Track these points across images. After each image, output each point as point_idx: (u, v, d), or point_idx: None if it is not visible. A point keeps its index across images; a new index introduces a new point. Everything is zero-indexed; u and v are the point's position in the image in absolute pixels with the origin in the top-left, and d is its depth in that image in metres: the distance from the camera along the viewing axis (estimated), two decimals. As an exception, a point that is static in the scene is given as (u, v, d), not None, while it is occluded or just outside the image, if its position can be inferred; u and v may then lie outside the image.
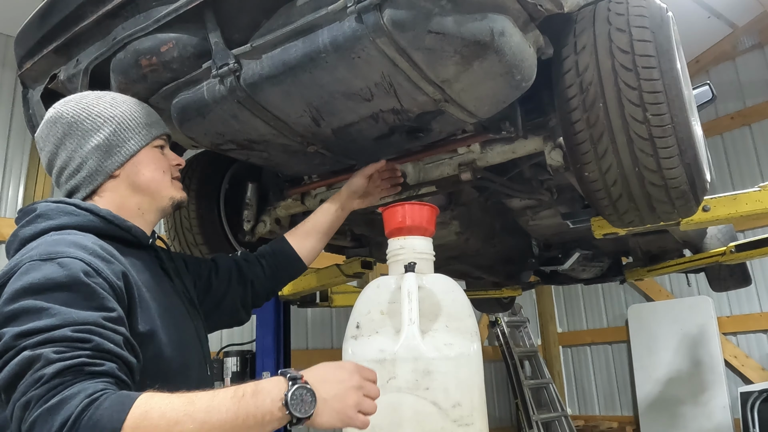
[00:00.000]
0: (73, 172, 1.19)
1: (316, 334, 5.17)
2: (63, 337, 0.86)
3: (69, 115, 1.20)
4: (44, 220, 1.08)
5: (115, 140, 1.19)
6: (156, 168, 1.24)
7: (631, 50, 1.41)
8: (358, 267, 2.89)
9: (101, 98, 1.24)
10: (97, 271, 0.97)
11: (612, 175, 1.50)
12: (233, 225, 2.32)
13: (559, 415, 6.11)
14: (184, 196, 1.30)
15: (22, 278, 0.93)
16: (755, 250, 2.77)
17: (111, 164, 1.19)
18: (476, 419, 1.29)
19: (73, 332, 0.87)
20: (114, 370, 0.88)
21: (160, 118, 1.32)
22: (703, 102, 2.98)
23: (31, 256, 0.97)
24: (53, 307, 0.89)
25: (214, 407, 0.86)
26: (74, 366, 0.84)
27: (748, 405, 4.71)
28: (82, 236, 1.05)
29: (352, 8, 1.18)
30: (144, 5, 1.41)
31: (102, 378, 0.86)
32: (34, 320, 0.88)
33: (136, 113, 1.25)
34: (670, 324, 5.88)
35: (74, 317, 0.89)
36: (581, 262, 3.07)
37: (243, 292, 1.49)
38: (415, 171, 1.96)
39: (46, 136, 1.21)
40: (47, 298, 0.90)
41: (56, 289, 0.92)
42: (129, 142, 1.21)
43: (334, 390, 0.96)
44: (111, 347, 0.90)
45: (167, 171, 1.26)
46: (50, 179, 4.32)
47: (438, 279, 1.44)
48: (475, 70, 1.29)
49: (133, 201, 1.21)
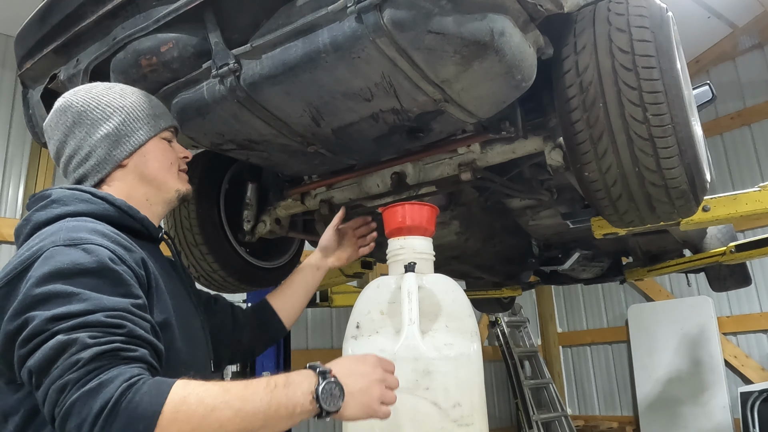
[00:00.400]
0: (82, 160, 1.19)
1: (316, 334, 5.17)
2: (97, 322, 0.87)
3: (78, 105, 1.20)
4: (59, 206, 1.08)
5: (124, 130, 1.20)
6: (163, 159, 1.24)
7: (631, 50, 1.41)
8: (358, 267, 2.89)
9: (110, 89, 1.25)
10: (121, 258, 0.99)
11: (612, 175, 1.50)
12: (233, 225, 2.32)
13: (559, 415, 6.11)
14: (189, 189, 1.30)
15: (48, 262, 0.93)
16: (755, 250, 2.77)
17: (119, 153, 1.19)
18: (476, 419, 1.29)
19: (107, 317, 0.88)
20: (146, 356, 0.90)
21: (168, 110, 1.33)
22: (703, 102, 2.98)
23: (53, 241, 0.97)
24: (84, 292, 0.90)
25: (248, 396, 0.88)
26: (110, 351, 0.85)
27: (748, 405, 4.71)
28: (99, 224, 1.06)
29: (352, 8, 1.18)
30: (144, 5, 1.41)
31: (137, 363, 0.87)
32: (65, 304, 0.88)
33: (145, 104, 1.26)
34: (670, 324, 5.88)
35: (105, 303, 0.90)
36: (581, 262, 3.07)
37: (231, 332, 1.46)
38: (415, 171, 1.96)
39: (55, 124, 1.21)
40: (76, 283, 0.91)
41: (85, 274, 0.92)
42: (138, 132, 1.21)
43: (360, 384, 0.99)
44: (142, 333, 0.91)
45: (174, 163, 1.27)
46: (50, 179, 4.34)
47: (438, 279, 1.44)
48: (475, 70, 1.29)
49: (140, 191, 1.21)
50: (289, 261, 2.62)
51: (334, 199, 2.14)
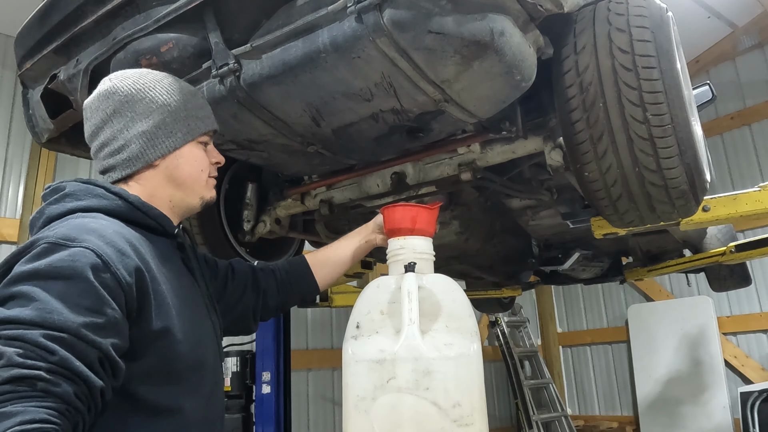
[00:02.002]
0: (114, 151, 1.16)
1: (316, 334, 5.18)
2: (32, 340, 0.83)
3: (124, 93, 1.16)
4: (72, 200, 1.07)
5: (163, 130, 1.16)
6: (196, 165, 1.20)
7: (631, 50, 1.41)
8: (358, 267, 2.90)
9: (159, 82, 1.20)
10: (107, 264, 0.94)
11: (612, 175, 1.50)
12: (233, 225, 2.32)
13: (559, 415, 6.12)
14: (213, 196, 1.26)
15: (32, 260, 0.91)
16: (755, 250, 2.77)
17: (153, 154, 1.16)
18: (476, 419, 1.29)
19: (44, 337, 0.83)
20: (68, 395, 0.83)
21: (212, 111, 1.26)
22: (703, 102, 2.98)
23: (47, 237, 0.95)
24: (43, 299, 0.87)
25: None
26: (30, 378, 0.80)
27: (748, 405, 4.71)
28: (106, 222, 1.03)
29: (352, 8, 1.18)
30: (144, 5, 1.41)
31: (53, 401, 0.81)
32: (21, 307, 0.86)
33: (189, 104, 1.20)
34: (670, 324, 5.88)
35: (55, 319, 0.85)
36: (581, 262, 3.07)
37: (255, 300, 1.45)
38: (415, 171, 1.96)
39: (96, 108, 1.17)
40: (45, 286, 0.88)
41: (57, 278, 0.89)
42: (176, 134, 1.17)
43: None
44: (76, 366, 0.85)
45: (205, 170, 1.23)
46: (50, 179, 4.34)
47: (438, 279, 1.44)
48: (475, 70, 1.29)
49: (165, 192, 1.18)
50: (289, 261, 2.62)
51: (334, 199, 2.14)
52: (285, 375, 3.76)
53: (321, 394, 5.08)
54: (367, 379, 1.31)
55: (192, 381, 1.06)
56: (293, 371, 3.98)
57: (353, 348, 1.39)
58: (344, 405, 1.37)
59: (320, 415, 5.03)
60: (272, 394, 3.66)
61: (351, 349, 1.40)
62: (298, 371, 4.70)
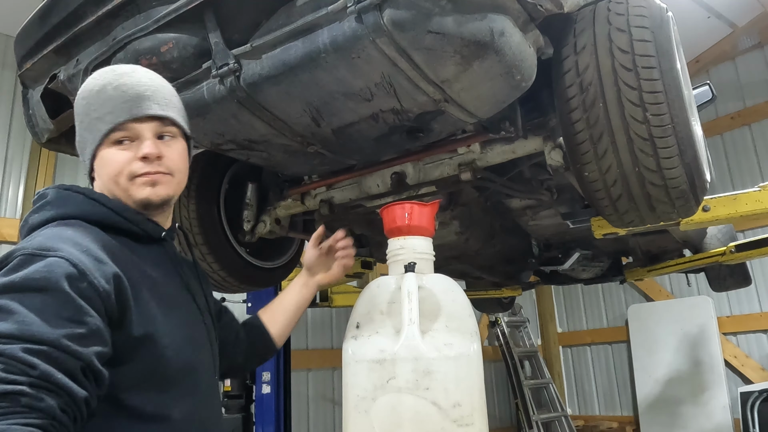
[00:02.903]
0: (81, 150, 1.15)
1: (316, 334, 5.18)
2: (11, 355, 0.81)
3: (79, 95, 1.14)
4: (51, 208, 1.06)
5: (80, 138, 1.14)
6: (111, 170, 1.10)
7: (631, 50, 1.41)
8: (358, 267, 2.90)
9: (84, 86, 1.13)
10: (83, 273, 0.92)
11: (612, 175, 1.50)
12: (233, 225, 2.32)
13: (559, 415, 6.12)
14: (147, 196, 1.10)
15: (8, 274, 0.90)
16: (755, 250, 2.77)
17: (86, 157, 1.13)
18: (476, 419, 1.29)
19: (24, 352, 0.81)
20: (53, 409, 0.81)
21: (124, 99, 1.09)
22: (703, 102, 2.98)
23: (24, 249, 0.94)
24: (21, 312, 0.85)
25: None
26: (13, 393, 0.79)
27: (748, 405, 4.71)
28: (83, 230, 1.01)
29: (352, 8, 1.18)
30: (144, 5, 1.41)
31: (36, 417, 0.80)
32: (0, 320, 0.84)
33: (91, 108, 1.10)
34: (670, 324, 5.88)
35: (34, 331, 0.84)
36: (581, 262, 3.07)
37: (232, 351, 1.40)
38: (415, 171, 1.96)
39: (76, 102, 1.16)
40: (23, 298, 0.86)
41: (34, 290, 0.88)
42: (87, 142, 1.12)
43: None
44: (58, 378, 0.83)
45: (121, 173, 1.09)
46: (50, 179, 4.33)
47: (438, 279, 1.44)
48: (475, 70, 1.29)
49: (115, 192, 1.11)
50: (289, 261, 2.62)
51: (334, 199, 2.14)
52: (285, 375, 3.76)
53: (321, 394, 5.08)
54: (367, 379, 1.31)
55: (185, 385, 1.04)
56: (293, 371, 3.98)
57: (353, 348, 1.39)
58: (344, 405, 1.37)
59: (320, 415, 5.03)
60: (272, 394, 3.66)
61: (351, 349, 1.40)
62: (298, 371, 4.70)
